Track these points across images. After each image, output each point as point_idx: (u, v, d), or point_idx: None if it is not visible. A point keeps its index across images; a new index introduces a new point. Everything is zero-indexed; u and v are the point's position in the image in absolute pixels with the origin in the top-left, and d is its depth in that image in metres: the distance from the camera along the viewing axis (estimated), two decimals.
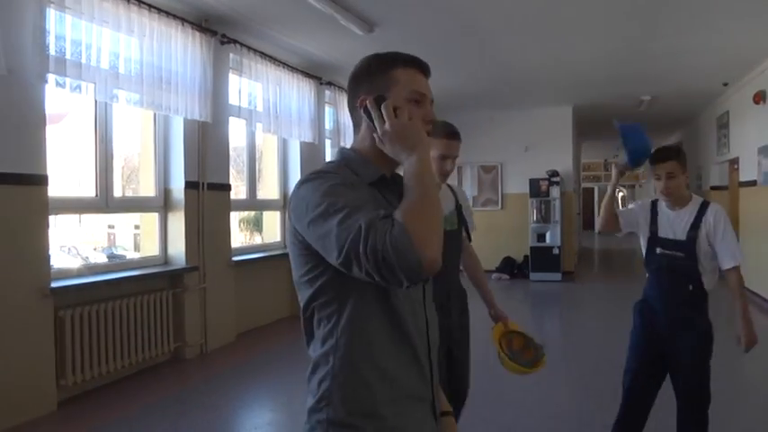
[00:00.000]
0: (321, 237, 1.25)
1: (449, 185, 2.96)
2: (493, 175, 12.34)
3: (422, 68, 1.48)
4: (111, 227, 10.92)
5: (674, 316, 2.99)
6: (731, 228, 2.96)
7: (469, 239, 3.00)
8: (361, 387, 1.34)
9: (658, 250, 3.03)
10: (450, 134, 2.75)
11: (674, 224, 2.99)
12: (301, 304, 1.41)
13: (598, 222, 3.31)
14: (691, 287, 2.96)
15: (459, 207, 2.93)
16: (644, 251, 3.14)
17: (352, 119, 1.53)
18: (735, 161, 10.47)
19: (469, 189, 12.11)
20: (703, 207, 2.97)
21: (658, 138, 18.61)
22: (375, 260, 1.16)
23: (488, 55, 7.81)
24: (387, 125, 1.36)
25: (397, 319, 1.37)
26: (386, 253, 1.15)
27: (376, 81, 1.44)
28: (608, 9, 6.08)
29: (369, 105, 1.39)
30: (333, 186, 1.29)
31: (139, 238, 6.61)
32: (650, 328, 3.08)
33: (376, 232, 1.17)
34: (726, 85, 9.95)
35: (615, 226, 3.22)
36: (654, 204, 3.12)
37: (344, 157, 1.48)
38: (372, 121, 1.39)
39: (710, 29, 6.80)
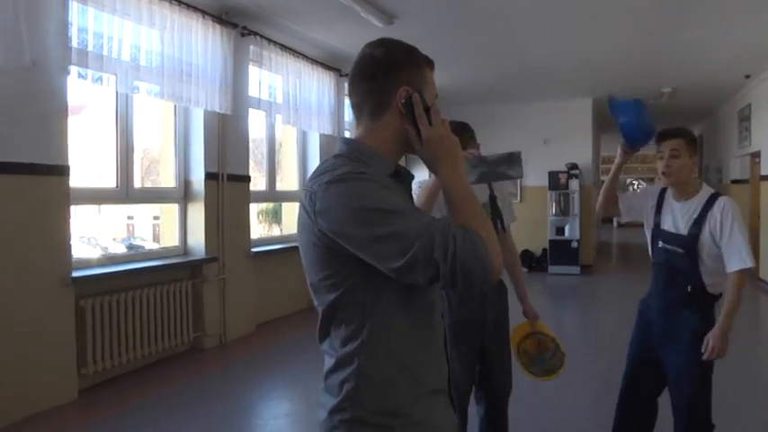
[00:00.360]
0: (372, 242, 1.23)
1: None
2: None
3: (433, 69, 1.47)
4: (130, 218, 11.01)
5: (668, 319, 2.73)
6: (741, 225, 2.62)
7: (504, 230, 2.87)
8: (386, 387, 1.34)
9: (660, 243, 2.80)
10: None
11: (678, 216, 2.73)
12: (320, 308, 1.40)
13: (597, 205, 3.04)
14: (689, 288, 2.68)
15: (493, 198, 2.86)
16: (649, 243, 2.89)
17: (367, 102, 1.40)
18: (756, 154, 10.32)
19: None
20: (711, 200, 2.67)
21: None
22: (454, 267, 1.19)
23: (508, 47, 7.76)
24: (434, 132, 1.34)
25: (419, 319, 1.39)
26: (466, 259, 1.19)
27: (413, 75, 1.39)
28: (629, 1, 6.00)
29: (415, 100, 1.34)
30: (373, 189, 1.26)
31: (158, 229, 6.67)
32: (645, 331, 2.88)
33: (456, 240, 1.20)
34: (748, 77, 9.80)
35: (614, 210, 2.95)
36: (662, 192, 2.85)
37: (353, 149, 1.40)
38: (413, 117, 1.34)
39: (732, 21, 6.69)
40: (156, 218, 7.47)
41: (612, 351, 5.79)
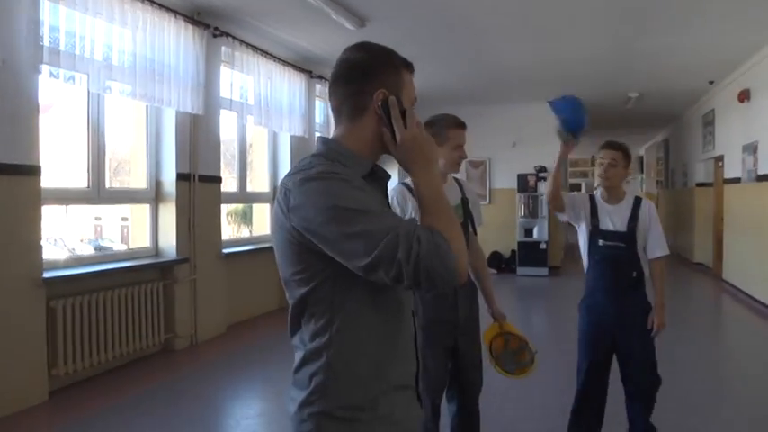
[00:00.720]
0: (340, 240, 1.26)
1: (455, 178, 3.00)
2: (481, 171, 12.40)
3: (412, 72, 1.49)
4: (97, 219, 10.87)
5: (621, 303, 3.17)
6: (659, 221, 3.27)
7: (474, 233, 2.99)
8: (354, 381, 1.38)
9: (600, 242, 3.22)
10: (460, 124, 2.85)
11: (614, 217, 3.20)
12: (290, 301, 1.42)
13: (546, 192, 3.41)
14: (634, 274, 3.18)
15: (464, 200, 2.94)
16: (585, 244, 3.30)
17: (346, 104, 1.44)
18: (720, 158, 10.61)
19: None
20: (638, 202, 3.23)
21: (646, 134, 18.79)
22: (416, 268, 1.20)
23: (478, 50, 7.87)
24: (408, 134, 1.37)
25: (387, 316, 1.42)
26: (429, 260, 1.20)
27: (390, 78, 1.42)
28: (598, 8, 6.16)
29: (391, 103, 1.38)
30: (345, 189, 1.29)
31: (126, 231, 6.61)
32: (598, 325, 3.24)
33: (420, 241, 1.21)
34: (712, 83, 10.08)
35: (560, 202, 3.25)
36: (592, 198, 3.31)
37: (331, 149, 1.43)
38: (389, 120, 1.38)
39: (697, 29, 6.90)
40: (124, 219, 7.40)
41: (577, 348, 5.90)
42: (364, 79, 1.42)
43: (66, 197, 5.11)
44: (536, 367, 3.02)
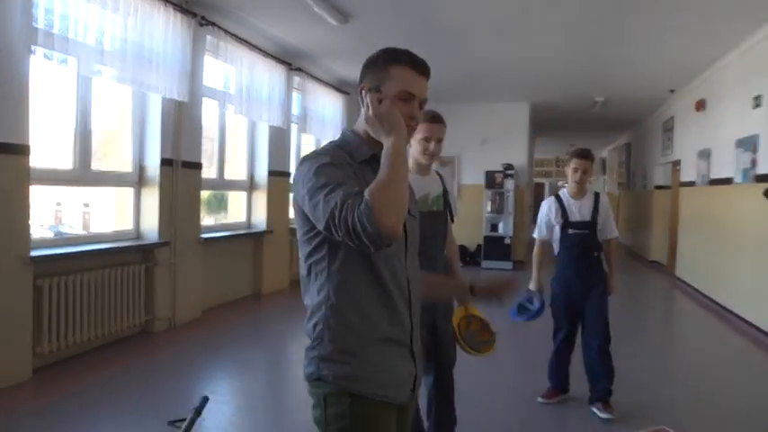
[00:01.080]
0: (312, 208, 1.53)
1: (437, 172, 3.25)
2: (450, 167, 12.68)
3: (419, 70, 1.69)
4: (58, 204, 10.79)
5: (586, 277, 4.08)
6: (611, 211, 4.24)
7: (452, 221, 3.30)
8: (345, 329, 1.62)
9: (570, 231, 4.09)
10: (431, 118, 3.03)
11: (581, 210, 4.07)
12: (302, 259, 1.69)
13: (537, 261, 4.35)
14: (596, 254, 4.12)
15: (445, 192, 3.21)
16: (557, 235, 4.14)
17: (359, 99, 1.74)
18: (677, 163, 11.09)
19: None
20: (597, 196, 4.13)
21: (609, 137, 19.35)
22: (346, 230, 1.43)
23: (454, 50, 8.11)
24: (370, 111, 1.63)
25: (376, 275, 1.65)
26: (354, 224, 1.42)
27: (377, 73, 1.67)
28: (571, 15, 6.45)
29: (363, 93, 1.67)
30: (323, 166, 1.56)
31: (88, 216, 6.57)
32: (568, 294, 4.15)
33: (347, 207, 1.43)
34: (672, 92, 10.54)
35: (550, 250, 4.28)
36: (559, 198, 4.14)
37: (343, 137, 1.76)
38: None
39: (661, 41, 7.30)
40: (86, 205, 7.40)
41: (535, 335, 6.24)
42: (361, 77, 1.72)
43: (51, 178, 5.17)
44: (496, 347, 3.29)
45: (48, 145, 5.86)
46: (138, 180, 5.91)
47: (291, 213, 5.14)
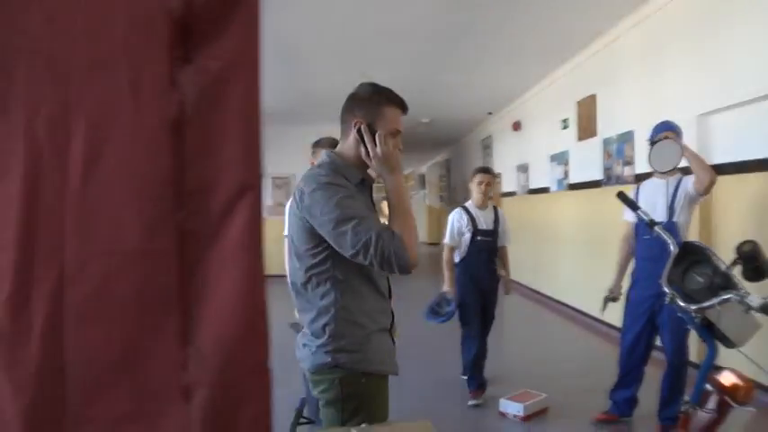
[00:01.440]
0: (337, 235, 1.79)
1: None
2: (284, 188, 12.79)
3: (403, 109, 2.00)
4: None
5: (487, 277, 4.69)
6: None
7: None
8: (354, 326, 1.94)
9: (478, 237, 4.63)
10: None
11: (486, 219, 4.67)
12: (302, 270, 1.94)
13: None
14: (494, 257, 4.77)
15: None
16: (468, 241, 4.60)
17: (342, 126, 1.97)
18: (498, 176, 12.34)
19: (270, 197, 12.54)
20: (495, 208, 4.80)
21: (432, 153, 20.42)
22: (382, 259, 1.76)
23: (293, 73, 8.26)
24: (378, 150, 1.88)
25: (372, 282, 2.00)
26: (390, 256, 1.76)
27: (370, 110, 1.91)
28: (409, 43, 7.03)
29: (363, 129, 1.89)
30: (342, 198, 1.81)
31: None
32: (480, 294, 4.64)
33: (383, 241, 1.76)
34: (490, 114, 11.79)
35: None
36: (465, 209, 4.69)
37: (332, 162, 1.96)
38: (363, 141, 1.89)
39: (481, 70, 8.28)
40: None
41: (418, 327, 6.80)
42: (351, 109, 1.96)
43: None
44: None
45: None
46: None
47: None
